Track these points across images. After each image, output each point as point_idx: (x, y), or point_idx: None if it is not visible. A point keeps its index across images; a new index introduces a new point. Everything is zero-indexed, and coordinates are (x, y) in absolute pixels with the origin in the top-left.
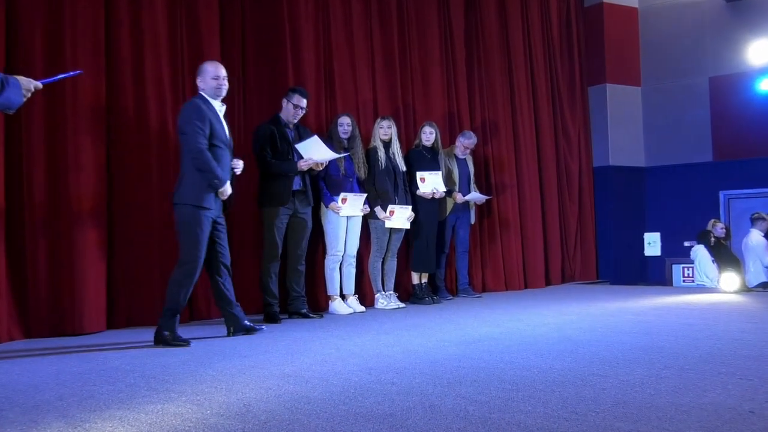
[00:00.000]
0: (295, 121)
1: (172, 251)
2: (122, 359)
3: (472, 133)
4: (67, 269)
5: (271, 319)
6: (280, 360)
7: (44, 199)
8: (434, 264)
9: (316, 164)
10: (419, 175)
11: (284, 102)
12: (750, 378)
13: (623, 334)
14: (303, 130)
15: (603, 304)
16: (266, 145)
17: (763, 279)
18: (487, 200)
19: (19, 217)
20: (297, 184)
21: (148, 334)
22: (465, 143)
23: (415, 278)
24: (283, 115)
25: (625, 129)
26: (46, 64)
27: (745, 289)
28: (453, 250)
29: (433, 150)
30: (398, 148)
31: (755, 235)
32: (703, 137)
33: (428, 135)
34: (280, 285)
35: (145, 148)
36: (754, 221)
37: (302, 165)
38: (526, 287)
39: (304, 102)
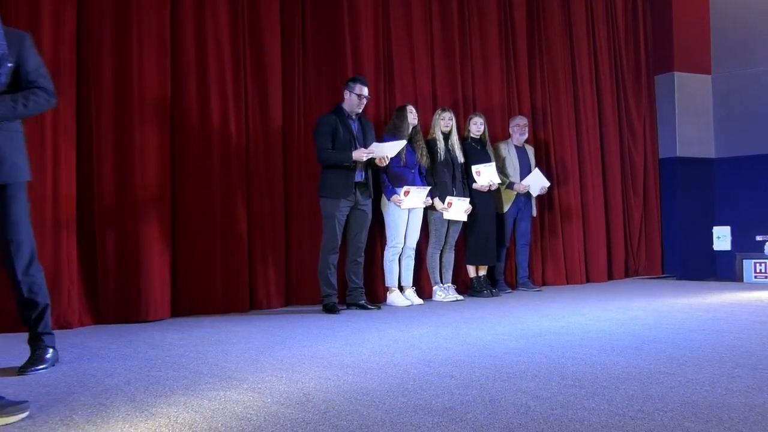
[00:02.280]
0: (359, 111)
1: (232, 241)
2: (186, 346)
3: (519, 115)
4: (133, 258)
5: (330, 310)
6: (339, 350)
7: (113, 189)
8: (492, 257)
9: (380, 159)
10: (475, 168)
11: (346, 93)
12: None
13: (691, 331)
14: (365, 122)
15: (669, 299)
16: (327, 136)
17: None
18: (548, 191)
19: (89, 208)
20: (359, 176)
21: (209, 322)
22: (518, 123)
23: (472, 271)
24: (346, 105)
25: (694, 119)
26: (115, 63)
27: None
28: (513, 242)
29: (481, 141)
30: (457, 140)
31: None
32: None
33: (478, 126)
34: (339, 276)
35: (206, 142)
36: None
37: (356, 154)
38: (587, 281)
39: (366, 90)
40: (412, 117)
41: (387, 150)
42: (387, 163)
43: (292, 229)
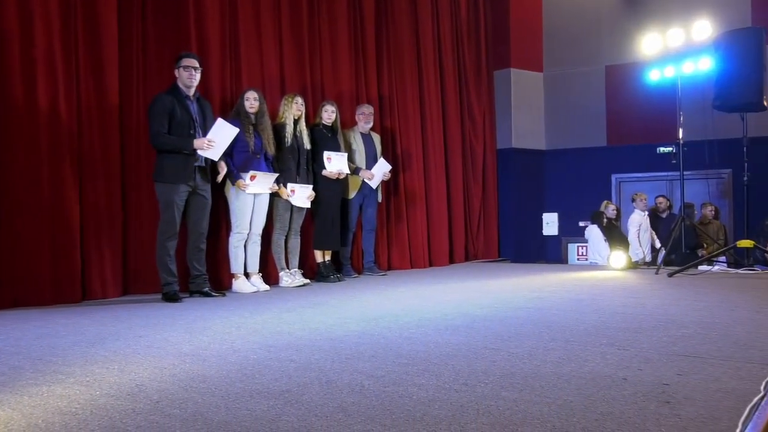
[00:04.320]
0: (192, 84)
1: (61, 228)
2: (5, 341)
3: (365, 104)
4: None
5: (170, 298)
6: (177, 339)
7: None
8: (337, 242)
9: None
10: (326, 154)
11: (177, 72)
12: (626, 348)
13: (517, 309)
14: (204, 102)
15: (502, 281)
16: (163, 117)
17: (641, 256)
18: (393, 178)
19: None
20: (200, 160)
21: (37, 315)
22: (364, 111)
23: (319, 256)
24: (180, 83)
25: (528, 113)
26: None
27: (632, 267)
28: (360, 228)
29: (332, 129)
30: (305, 127)
31: (633, 215)
32: (598, 123)
33: (329, 114)
34: (181, 263)
35: (33, 123)
36: (632, 201)
37: (197, 143)
38: (430, 265)
39: (195, 62)
40: (249, 104)
41: (224, 136)
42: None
43: (130, 215)
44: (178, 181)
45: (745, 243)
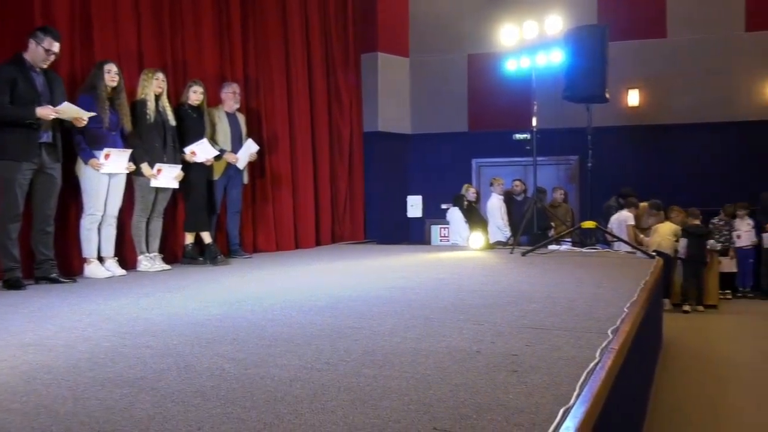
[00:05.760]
0: (44, 66)
1: None
2: None
3: (233, 82)
4: None
5: (12, 285)
6: (19, 329)
7: None
8: (207, 224)
9: (77, 119)
10: (189, 150)
11: (32, 43)
12: (482, 323)
13: (381, 289)
14: (52, 76)
15: (367, 262)
16: (3, 88)
17: (499, 238)
18: (260, 159)
19: None
20: (46, 136)
21: None
22: (232, 90)
23: (189, 238)
24: (29, 57)
25: (394, 97)
26: None
27: (489, 247)
28: (224, 210)
29: (199, 110)
30: (168, 103)
31: (492, 199)
32: (460, 109)
33: (197, 94)
34: (25, 248)
35: None
36: (490, 185)
37: (41, 111)
38: (297, 248)
39: (56, 47)
40: (111, 77)
41: (78, 112)
42: (84, 123)
43: None
44: (20, 159)
45: (589, 224)
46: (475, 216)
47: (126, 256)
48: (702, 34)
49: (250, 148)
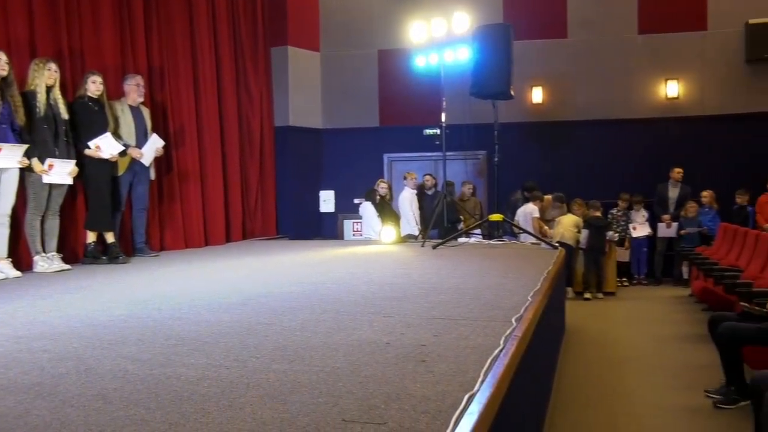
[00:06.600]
0: None
1: None
2: None
3: (136, 74)
4: None
5: None
6: None
7: None
8: (110, 222)
9: None
10: (92, 144)
11: None
12: (392, 315)
13: (293, 285)
14: None
15: (279, 258)
16: None
17: (409, 231)
18: (166, 154)
19: None
20: None
21: None
22: (136, 83)
23: (91, 237)
24: None
25: (305, 91)
26: None
27: (401, 240)
28: (129, 207)
29: (99, 102)
30: (60, 95)
31: (403, 193)
32: (371, 104)
33: (97, 85)
34: None
35: None
36: (404, 179)
37: None
38: (206, 244)
39: None
40: (2, 65)
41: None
42: None
43: None
44: None
45: (496, 216)
46: (387, 210)
47: (21, 257)
48: (599, 35)
49: (155, 143)
